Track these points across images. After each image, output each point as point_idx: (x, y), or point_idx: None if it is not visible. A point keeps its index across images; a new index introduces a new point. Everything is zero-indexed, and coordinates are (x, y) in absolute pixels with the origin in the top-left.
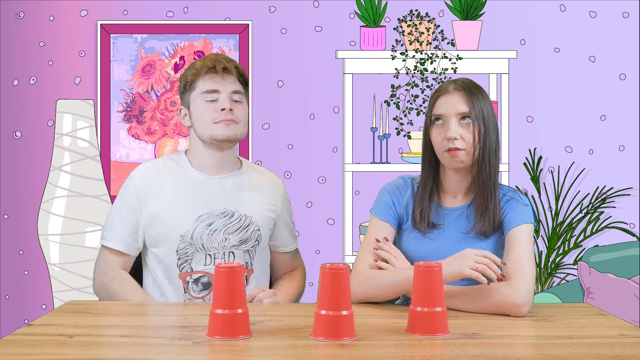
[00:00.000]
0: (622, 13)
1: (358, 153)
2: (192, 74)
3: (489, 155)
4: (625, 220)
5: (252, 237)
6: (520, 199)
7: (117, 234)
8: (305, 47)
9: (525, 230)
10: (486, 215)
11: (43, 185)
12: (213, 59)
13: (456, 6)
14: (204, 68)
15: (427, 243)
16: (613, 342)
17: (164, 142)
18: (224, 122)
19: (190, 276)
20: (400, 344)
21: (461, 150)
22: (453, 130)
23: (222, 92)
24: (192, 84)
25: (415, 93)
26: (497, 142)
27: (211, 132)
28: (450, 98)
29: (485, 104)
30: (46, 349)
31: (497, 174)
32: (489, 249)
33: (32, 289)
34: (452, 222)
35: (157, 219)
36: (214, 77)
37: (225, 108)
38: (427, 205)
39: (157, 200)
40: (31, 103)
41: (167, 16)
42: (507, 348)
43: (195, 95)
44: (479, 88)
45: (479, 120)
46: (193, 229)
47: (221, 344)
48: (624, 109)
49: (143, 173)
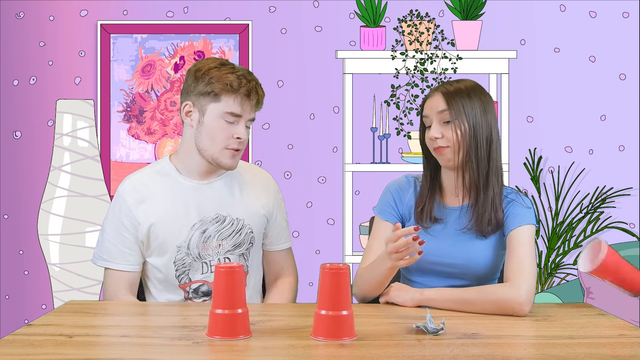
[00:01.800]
0: (622, 13)
1: (358, 153)
2: (223, 87)
3: (476, 154)
4: (625, 220)
5: (246, 240)
6: (522, 201)
7: (118, 254)
8: (305, 47)
9: (526, 231)
10: (482, 215)
11: (43, 185)
12: (248, 83)
13: (456, 6)
14: (241, 92)
15: (429, 240)
16: (613, 342)
17: (164, 142)
18: (232, 152)
19: (190, 286)
20: (400, 344)
21: (445, 147)
22: (433, 130)
23: (243, 118)
24: (217, 96)
25: (415, 93)
26: (492, 142)
27: (217, 156)
28: (432, 100)
29: (472, 103)
30: (46, 349)
31: (493, 174)
32: (489, 248)
33: (32, 289)
34: (454, 220)
35: (153, 232)
36: (244, 103)
37: (241, 138)
38: (429, 202)
39: (150, 212)
40: (31, 103)
41: (167, 16)
42: (507, 348)
43: (215, 107)
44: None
45: (460, 119)
46: (189, 238)
47: (221, 344)
48: (624, 109)
49: (131, 188)
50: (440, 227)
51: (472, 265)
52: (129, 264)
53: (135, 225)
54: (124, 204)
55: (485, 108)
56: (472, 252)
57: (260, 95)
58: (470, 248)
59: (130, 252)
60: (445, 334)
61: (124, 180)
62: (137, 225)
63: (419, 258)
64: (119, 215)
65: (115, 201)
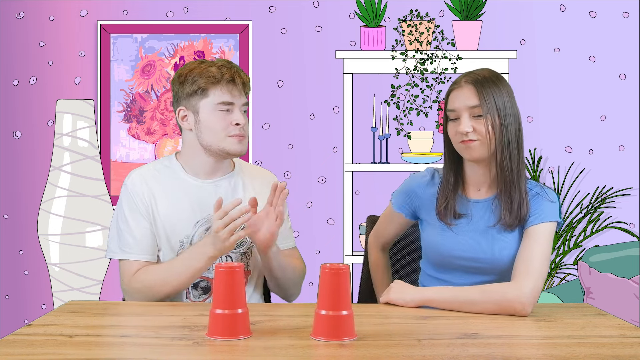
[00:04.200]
0: (622, 13)
1: (358, 153)
2: (207, 81)
3: (507, 146)
4: (625, 220)
5: (248, 239)
6: (547, 195)
7: (136, 245)
8: (305, 47)
9: (544, 228)
10: (512, 208)
11: (43, 185)
12: (230, 70)
13: (456, 6)
14: (225, 79)
15: (453, 236)
16: (613, 342)
17: (164, 142)
18: (237, 138)
19: None
20: (400, 344)
21: (475, 140)
22: (464, 124)
23: (236, 105)
24: (205, 91)
25: (415, 93)
26: (519, 133)
27: (223, 146)
28: (461, 92)
29: (501, 95)
30: (46, 349)
31: (521, 166)
32: (514, 241)
33: (32, 289)
34: (478, 213)
35: (157, 225)
36: (232, 89)
37: (240, 123)
38: (452, 198)
39: (156, 205)
40: (31, 103)
41: (167, 16)
42: (507, 348)
43: (207, 102)
44: (495, 79)
45: (491, 113)
46: (192, 234)
47: (221, 344)
48: (624, 109)
49: (139, 179)
50: (465, 222)
51: (498, 260)
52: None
53: (149, 212)
54: (134, 194)
55: (511, 98)
56: (498, 247)
57: (244, 78)
58: (496, 243)
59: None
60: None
61: (130, 173)
62: (150, 212)
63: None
64: (133, 204)
65: (124, 192)
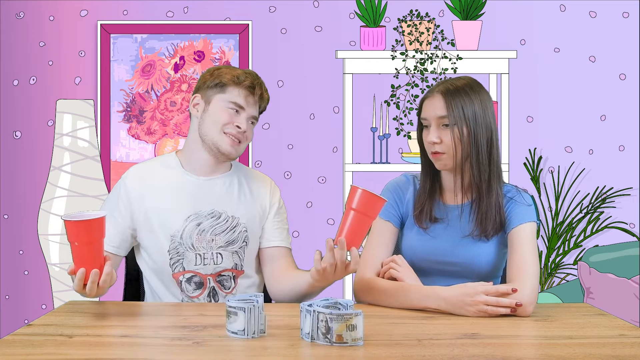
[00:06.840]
0: (622, 13)
1: (358, 153)
2: (230, 79)
3: (476, 157)
4: (625, 220)
5: (239, 238)
6: (523, 199)
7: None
8: (305, 47)
9: (527, 229)
10: (487, 217)
11: (43, 185)
12: (254, 81)
13: (456, 6)
14: (245, 84)
15: (429, 240)
16: (613, 342)
17: (164, 142)
18: (232, 138)
19: (183, 275)
20: (400, 344)
21: (442, 154)
22: (431, 134)
23: (245, 112)
24: (224, 87)
25: (415, 93)
26: (491, 143)
27: (217, 140)
28: (432, 102)
29: (472, 105)
30: (46, 349)
31: (492, 176)
32: (491, 247)
33: (32, 289)
34: (455, 219)
35: (147, 220)
36: (248, 96)
37: (241, 127)
38: (428, 203)
39: (148, 201)
40: (31, 103)
41: (167, 16)
42: (507, 348)
43: (221, 97)
44: (467, 89)
45: (459, 123)
46: (182, 228)
47: (221, 344)
48: (624, 109)
49: (134, 175)
50: (442, 227)
51: (475, 264)
52: (112, 246)
53: (130, 212)
54: (124, 190)
55: (484, 107)
56: (474, 252)
57: (264, 92)
58: (473, 248)
59: (117, 234)
60: (445, 334)
61: (130, 168)
62: (131, 213)
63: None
64: (117, 200)
65: (117, 186)
